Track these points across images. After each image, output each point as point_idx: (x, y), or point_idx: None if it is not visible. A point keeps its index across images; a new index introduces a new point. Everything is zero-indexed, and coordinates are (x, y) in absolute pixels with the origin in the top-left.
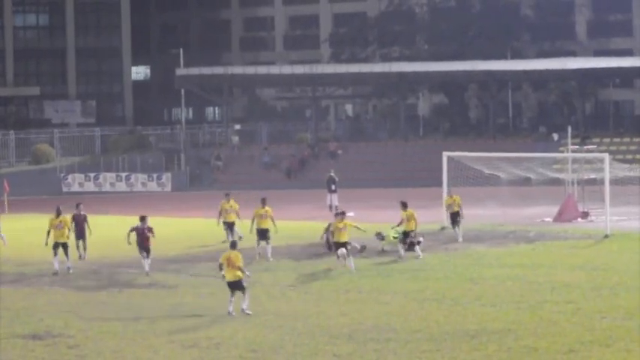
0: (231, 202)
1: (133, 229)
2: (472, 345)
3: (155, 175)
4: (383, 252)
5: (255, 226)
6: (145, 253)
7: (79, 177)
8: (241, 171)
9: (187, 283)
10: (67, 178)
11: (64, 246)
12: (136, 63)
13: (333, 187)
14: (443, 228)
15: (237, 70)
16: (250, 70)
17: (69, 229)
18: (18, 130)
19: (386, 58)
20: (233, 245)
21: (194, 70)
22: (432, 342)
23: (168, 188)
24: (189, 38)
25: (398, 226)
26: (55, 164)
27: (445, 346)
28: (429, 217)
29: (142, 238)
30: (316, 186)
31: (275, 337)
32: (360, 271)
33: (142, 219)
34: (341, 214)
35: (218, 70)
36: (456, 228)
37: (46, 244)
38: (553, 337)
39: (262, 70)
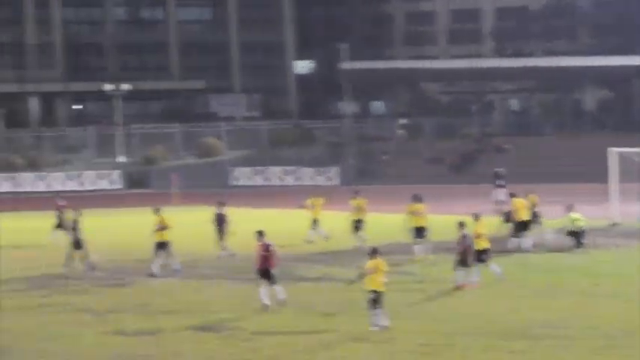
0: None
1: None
2: None
3: (323, 169)
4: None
5: (411, 224)
6: (263, 279)
7: (246, 170)
8: (407, 165)
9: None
10: (234, 172)
11: (166, 245)
12: (299, 57)
13: (499, 182)
14: (614, 224)
15: (401, 64)
16: (414, 64)
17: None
18: (185, 124)
19: (549, 52)
20: (374, 251)
21: (358, 64)
22: (606, 339)
23: (336, 182)
24: (353, 32)
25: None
26: (222, 157)
27: (620, 343)
28: (598, 214)
29: (260, 258)
30: (482, 181)
31: (448, 331)
32: (530, 267)
33: (259, 234)
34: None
35: (382, 64)
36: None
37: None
38: None
39: (425, 64)
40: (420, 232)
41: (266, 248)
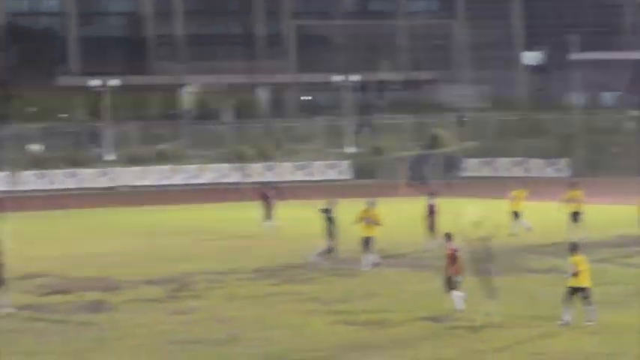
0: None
1: None
2: None
3: (552, 161)
4: None
5: None
6: (449, 286)
7: (474, 162)
8: (638, 157)
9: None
10: (463, 163)
11: (370, 240)
12: (528, 48)
13: None
14: None
15: (632, 55)
16: None
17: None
18: (413, 115)
19: None
20: (574, 247)
21: (588, 55)
22: None
23: (566, 174)
24: (582, 23)
25: None
26: (451, 148)
27: None
28: None
29: (446, 263)
30: None
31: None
32: None
33: (447, 237)
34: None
35: (612, 55)
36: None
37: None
38: None
39: None
40: None
41: (453, 254)
